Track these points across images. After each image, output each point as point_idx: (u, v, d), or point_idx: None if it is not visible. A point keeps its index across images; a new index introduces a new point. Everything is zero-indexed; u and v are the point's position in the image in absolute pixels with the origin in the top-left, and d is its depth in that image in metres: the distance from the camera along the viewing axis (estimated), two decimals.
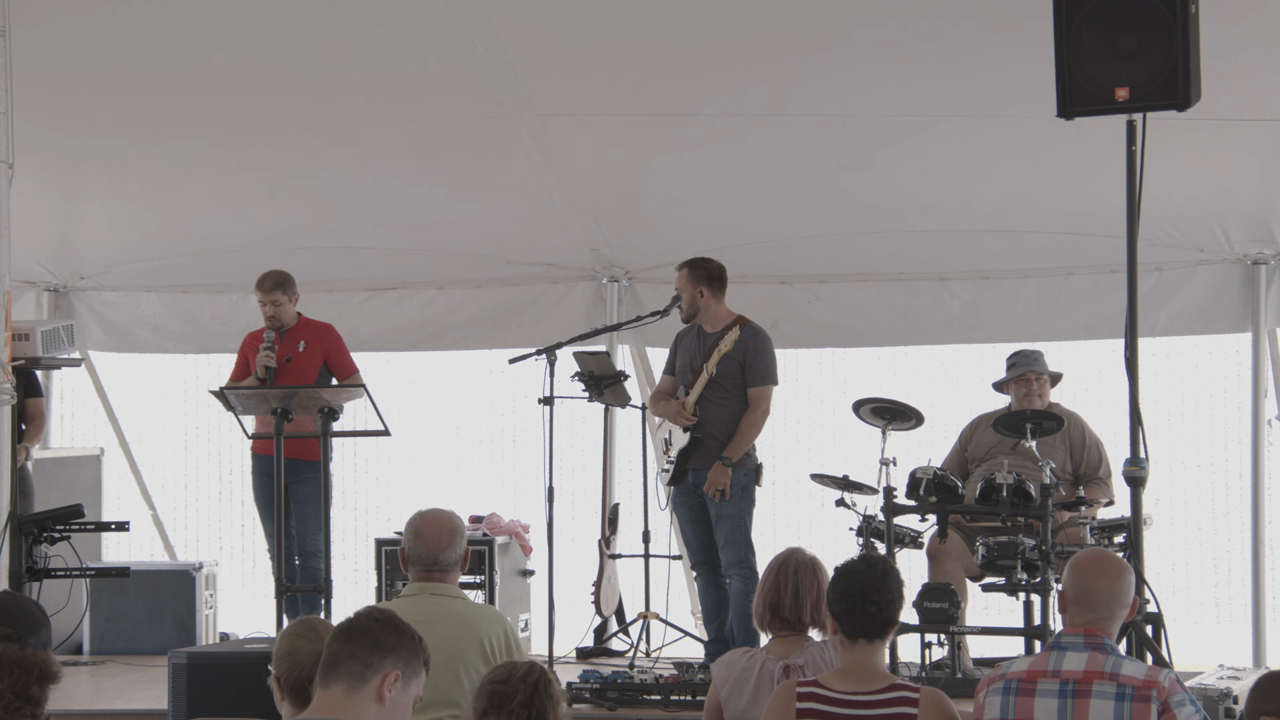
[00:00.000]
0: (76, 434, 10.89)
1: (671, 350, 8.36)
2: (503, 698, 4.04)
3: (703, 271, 8.10)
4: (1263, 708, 4.35)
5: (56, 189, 9.42)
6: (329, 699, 3.59)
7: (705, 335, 8.13)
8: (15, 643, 4.71)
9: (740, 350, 7.98)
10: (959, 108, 7.98)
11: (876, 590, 4.65)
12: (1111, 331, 8.41)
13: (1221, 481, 9.57)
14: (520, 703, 4.02)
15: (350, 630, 3.67)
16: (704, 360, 8.02)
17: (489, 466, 10.70)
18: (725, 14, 7.72)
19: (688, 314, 8.14)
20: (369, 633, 3.65)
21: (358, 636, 3.65)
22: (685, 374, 8.16)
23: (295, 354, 8.72)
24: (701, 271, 8.10)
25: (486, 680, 4.12)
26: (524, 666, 4.12)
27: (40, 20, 7.66)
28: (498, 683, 4.08)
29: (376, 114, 8.58)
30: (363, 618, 3.72)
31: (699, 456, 8.03)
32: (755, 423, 8.00)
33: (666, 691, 7.18)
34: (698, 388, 8.02)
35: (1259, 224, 8.75)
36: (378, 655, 3.62)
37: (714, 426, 8.01)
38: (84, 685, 8.45)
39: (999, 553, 7.49)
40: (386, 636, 3.67)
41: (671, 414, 8.10)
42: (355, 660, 3.60)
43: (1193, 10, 6.64)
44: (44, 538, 7.82)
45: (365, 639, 3.64)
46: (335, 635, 3.69)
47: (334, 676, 3.61)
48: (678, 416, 8.05)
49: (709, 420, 8.01)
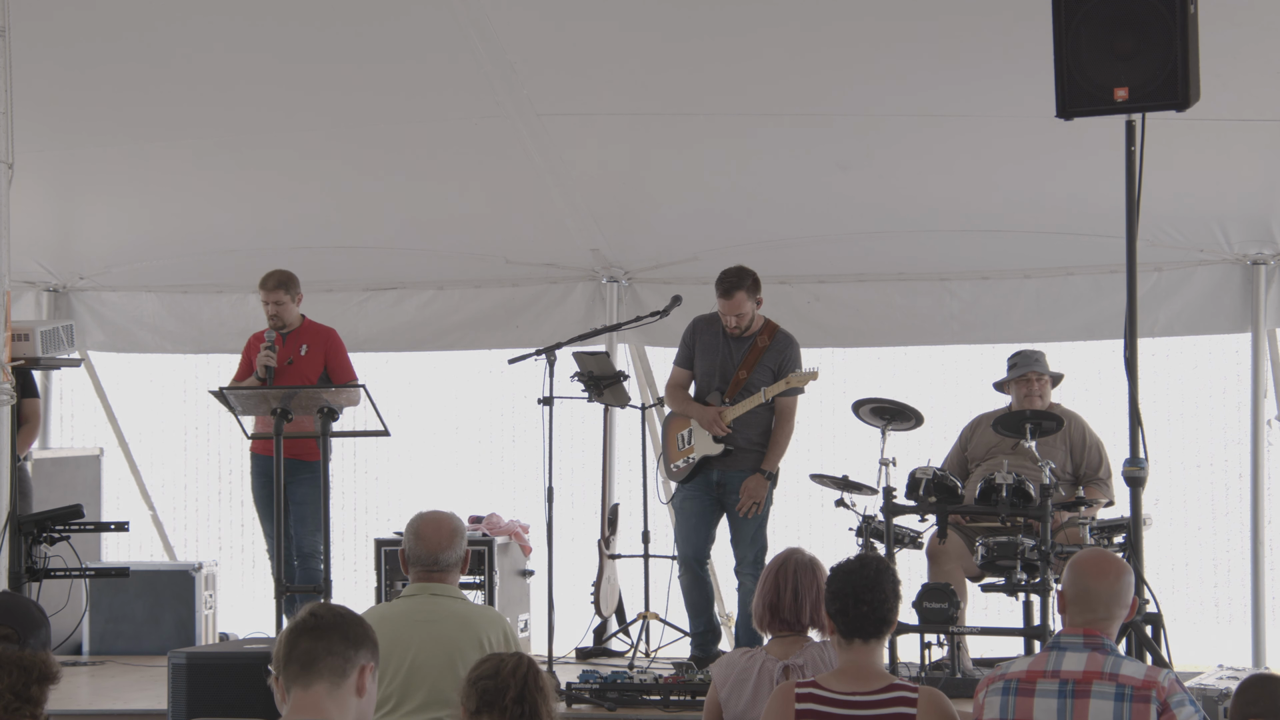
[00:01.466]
0: (76, 434, 10.89)
1: (688, 343, 8.31)
2: (494, 694, 3.98)
3: (754, 282, 8.05)
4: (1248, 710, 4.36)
5: (56, 189, 9.42)
6: (312, 699, 3.54)
7: (734, 339, 8.12)
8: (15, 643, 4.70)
9: (776, 359, 8.05)
10: (959, 108, 7.98)
11: (869, 589, 4.65)
12: (1111, 332, 8.42)
13: (1221, 482, 9.56)
14: (512, 698, 3.97)
15: (319, 627, 3.59)
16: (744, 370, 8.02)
17: (488, 467, 10.70)
18: (725, 13, 7.72)
19: (743, 329, 8.10)
20: (339, 627, 3.60)
21: (329, 632, 3.59)
22: (712, 377, 8.15)
23: (297, 357, 8.72)
24: (753, 283, 8.05)
25: (474, 676, 4.04)
26: (511, 659, 4.06)
27: (40, 20, 7.66)
28: (486, 678, 4.01)
29: (376, 114, 8.58)
30: (325, 613, 3.63)
31: (726, 461, 8.07)
32: (789, 433, 8.11)
33: (666, 692, 7.18)
34: (746, 406, 8.01)
35: (1258, 224, 8.75)
36: (353, 648, 3.58)
37: (743, 436, 8.06)
38: (83, 685, 8.46)
39: (998, 553, 7.50)
40: (355, 629, 3.62)
41: (706, 421, 8.08)
42: (334, 655, 3.55)
43: (1192, 10, 6.64)
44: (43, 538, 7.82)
45: (338, 634, 3.59)
46: (302, 633, 3.59)
47: (314, 675, 3.55)
48: (713, 426, 8.05)
49: (740, 429, 8.06)
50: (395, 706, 5.30)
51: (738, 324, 8.07)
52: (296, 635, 3.59)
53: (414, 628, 5.36)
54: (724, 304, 8.04)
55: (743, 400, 8.05)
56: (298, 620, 3.63)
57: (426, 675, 5.29)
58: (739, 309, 8.03)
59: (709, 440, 8.10)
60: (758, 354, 8.10)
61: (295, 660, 3.57)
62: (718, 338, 8.17)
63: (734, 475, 8.08)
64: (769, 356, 8.08)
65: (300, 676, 3.56)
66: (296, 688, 3.57)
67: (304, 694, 3.55)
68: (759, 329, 8.14)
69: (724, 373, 8.13)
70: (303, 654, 3.56)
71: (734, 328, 8.09)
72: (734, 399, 8.08)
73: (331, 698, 3.55)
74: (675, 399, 8.33)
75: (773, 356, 8.08)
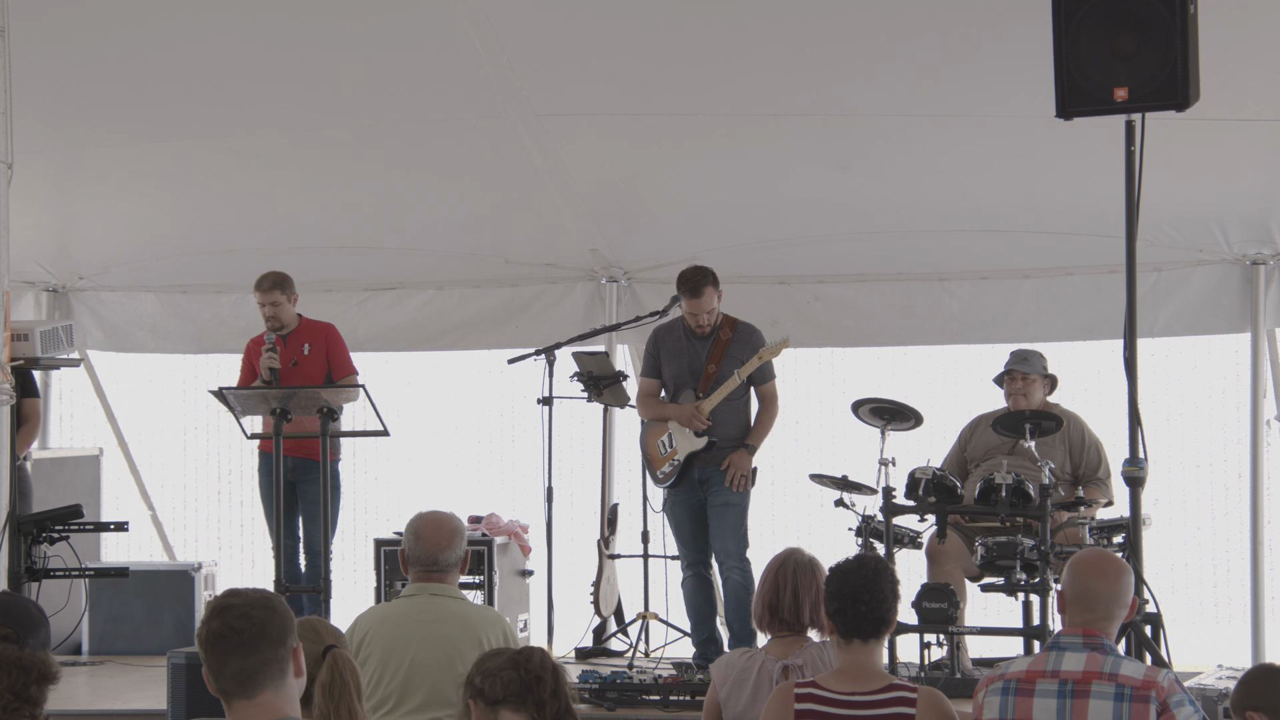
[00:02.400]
0: (75, 434, 10.88)
1: (652, 353, 8.34)
2: (524, 686, 3.79)
3: (714, 278, 8.11)
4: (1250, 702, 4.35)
5: (55, 189, 9.41)
6: (259, 706, 3.44)
7: (698, 337, 8.14)
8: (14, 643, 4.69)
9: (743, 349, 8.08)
10: (958, 108, 7.98)
11: (867, 589, 4.66)
12: (1110, 332, 8.42)
13: (1220, 482, 9.56)
14: (550, 692, 3.82)
15: (245, 644, 3.42)
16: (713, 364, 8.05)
17: (488, 467, 10.70)
18: (724, 13, 7.72)
19: (708, 326, 8.12)
20: (265, 633, 3.45)
21: (258, 643, 3.43)
22: (683, 379, 8.17)
23: (301, 357, 8.72)
24: (714, 278, 8.10)
25: (492, 667, 3.81)
26: (536, 653, 3.87)
27: (39, 19, 7.66)
28: (509, 669, 3.79)
29: (376, 114, 8.58)
30: (243, 625, 3.44)
31: (708, 456, 8.09)
32: (774, 415, 8.22)
33: (665, 692, 7.18)
34: (722, 393, 8.05)
35: (1258, 224, 8.74)
36: (282, 644, 3.47)
37: (723, 431, 8.10)
38: (83, 685, 8.46)
39: (998, 553, 7.50)
40: (276, 623, 3.47)
41: (685, 417, 8.09)
42: (270, 664, 3.45)
43: (1191, 10, 6.64)
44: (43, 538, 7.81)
45: (266, 640, 3.44)
46: (229, 652, 3.42)
47: (256, 687, 3.43)
48: (692, 420, 8.06)
49: (719, 424, 8.08)
50: (395, 706, 5.30)
51: (706, 321, 8.09)
52: (223, 653, 3.44)
53: (413, 628, 5.36)
54: (693, 303, 8.06)
55: (716, 390, 8.06)
56: (219, 634, 3.45)
57: (426, 675, 5.30)
58: (708, 305, 8.08)
59: (690, 437, 8.11)
60: (723, 347, 8.14)
61: (229, 679, 3.44)
62: (680, 341, 8.21)
63: (715, 471, 8.11)
64: (735, 348, 8.13)
65: (239, 692, 3.45)
66: (238, 700, 3.45)
67: (249, 703, 3.45)
68: (720, 323, 8.17)
69: (693, 371, 8.17)
70: (239, 673, 3.43)
71: (701, 325, 8.10)
72: (707, 392, 8.10)
73: (278, 696, 3.48)
74: (648, 407, 8.34)
75: (739, 347, 8.13)
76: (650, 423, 8.33)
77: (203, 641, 3.49)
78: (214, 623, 3.47)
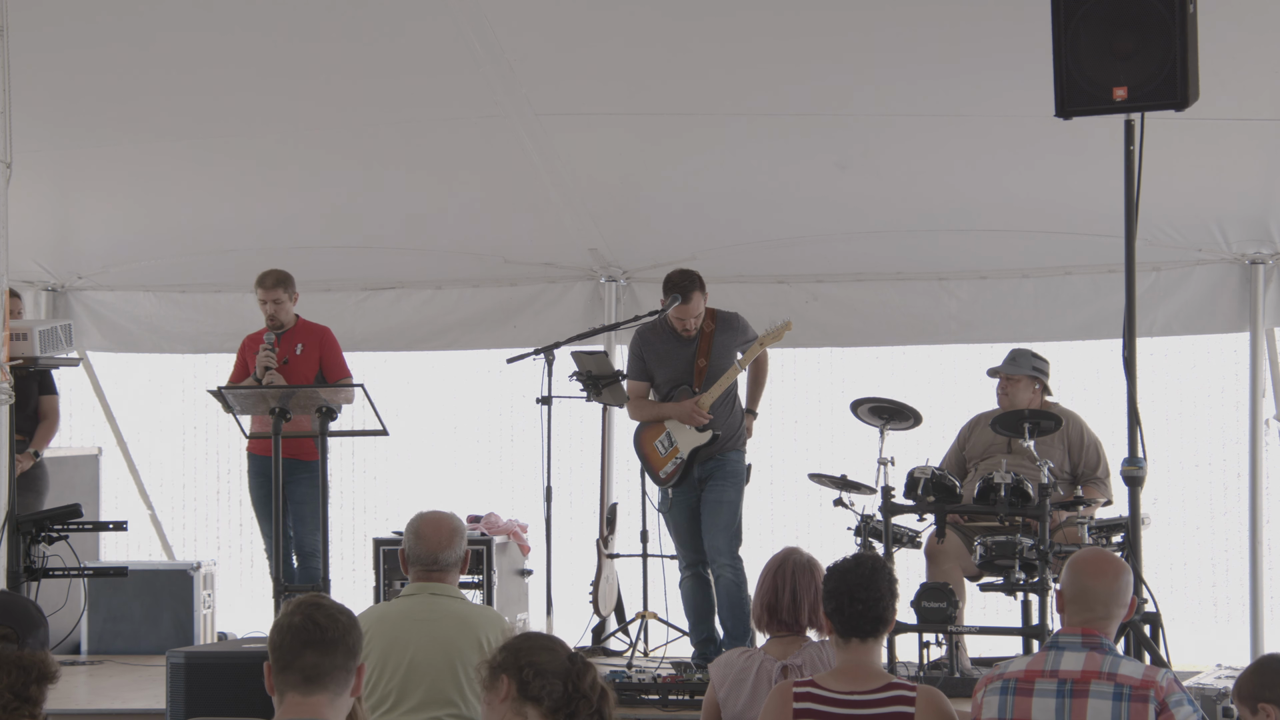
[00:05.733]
0: (74, 434, 10.87)
1: (638, 355, 8.28)
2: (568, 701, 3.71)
3: (701, 280, 8.09)
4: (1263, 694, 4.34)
5: (54, 188, 9.41)
6: (311, 706, 3.52)
7: (683, 336, 8.12)
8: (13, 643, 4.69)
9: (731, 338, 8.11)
10: (957, 107, 7.98)
11: (864, 588, 4.66)
12: (1109, 331, 8.42)
13: (1219, 481, 9.58)
14: (591, 713, 3.75)
15: (325, 641, 3.53)
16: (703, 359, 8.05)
17: (487, 466, 10.70)
18: (723, 12, 7.72)
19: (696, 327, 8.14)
20: (344, 641, 3.56)
21: (335, 646, 3.54)
22: (676, 378, 8.15)
23: (293, 356, 8.71)
24: (701, 280, 8.08)
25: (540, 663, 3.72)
26: (589, 671, 3.75)
27: (38, 19, 7.65)
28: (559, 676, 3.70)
29: (374, 113, 8.58)
30: (329, 624, 3.55)
31: (709, 450, 8.09)
32: (766, 375, 8.33)
33: (665, 691, 7.18)
34: (722, 385, 8.05)
35: (1257, 224, 8.74)
36: (354, 658, 3.57)
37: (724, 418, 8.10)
38: (82, 685, 8.45)
39: (997, 552, 7.50)
40: (355, 635, 3.59)
41: (685, 413, 8.08)
42: (340, 670, 3.53)
43: (1191, 10, 6.64)
44: (42, 537, 7.81)
45: (343, 648, 3.55)
46: (308, 645, 3.52)
47: (318, 688, 3.52)
48: (694, 416, 8.05)
49: (718, 414, 8.08)
50: (394, 705, 5.30)
51: (694, 325, 8.09)
52: (300, 645, 3.54)
53: (413, 627, 5.36)
54: (685, 308, 8.02)
55: (715, 383, 8.06)
56: (300, 627, 3.55)
57: (425, 675, 5.30)
58: (697, 310, 8.07)
59: (693, 433, 8.10)
60: (709, 339, 8.13)
61: (297, 670, 3.53)
62: (668, 342, 8.18)
63: (715, 469, 8.11)
64: (721, 337, 8.11)
65: (301, 686, 3.53)
66: (294, 693, 3.54)
67: (302, 700, 3.53)
68: (701, 318, 8.17)
69: (685, 368, 8.14)
70: (308, 667, 3.53)
71: (689, 330, 8.10)
72: (704, 387, 8.09)
73: (332, 706, 3.54)
74: (641, 409, 8.29)
75: (726, 337, 8.12)
76: (644, 425, 8.30)
77: (284, 630, 3.57)
78: (299, 615, 3.57)
